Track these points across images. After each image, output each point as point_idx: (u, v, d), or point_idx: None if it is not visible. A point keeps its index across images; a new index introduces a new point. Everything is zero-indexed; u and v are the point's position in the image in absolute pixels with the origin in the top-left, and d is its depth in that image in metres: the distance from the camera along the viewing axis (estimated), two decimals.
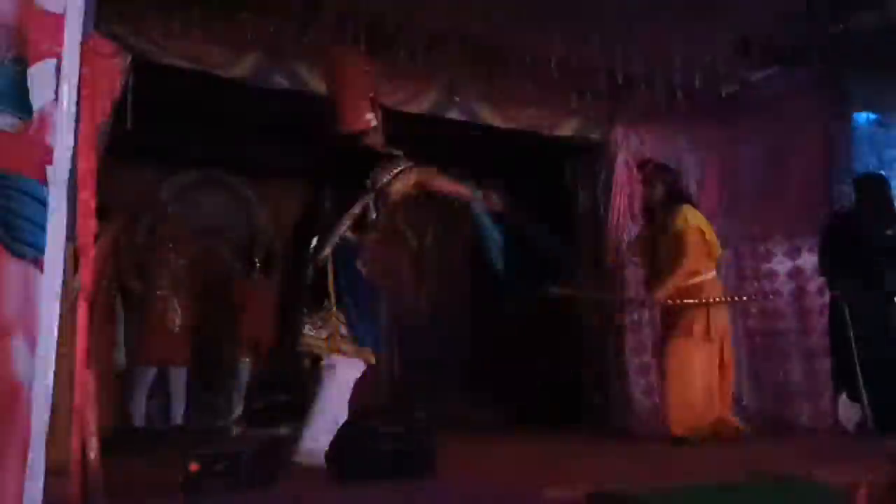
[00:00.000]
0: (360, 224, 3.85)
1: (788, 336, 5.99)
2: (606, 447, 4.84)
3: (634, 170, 6.44)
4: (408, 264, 8.68)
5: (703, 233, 5.16)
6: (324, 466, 3.26)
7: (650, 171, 5.49)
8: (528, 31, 5.02)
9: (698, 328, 5.05)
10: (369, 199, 3.86)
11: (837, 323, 5.33)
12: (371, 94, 4.16)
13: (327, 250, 3.75)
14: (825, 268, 5.51)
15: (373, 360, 3.80)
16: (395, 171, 3.89)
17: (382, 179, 3.85)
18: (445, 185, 4.12)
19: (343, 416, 3.58)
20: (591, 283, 6.66)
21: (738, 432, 5.01)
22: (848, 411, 5.16)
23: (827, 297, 5.82)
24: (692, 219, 5.18)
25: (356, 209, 3.83)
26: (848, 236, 5.30)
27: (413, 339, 8.19)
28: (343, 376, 3.71)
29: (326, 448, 3.26)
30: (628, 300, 6.08)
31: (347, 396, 3.73)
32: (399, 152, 4.00)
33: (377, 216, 3.89)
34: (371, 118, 4.10)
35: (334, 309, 3.69)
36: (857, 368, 5.06)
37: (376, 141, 4.09)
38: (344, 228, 3.80)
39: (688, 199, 5.39)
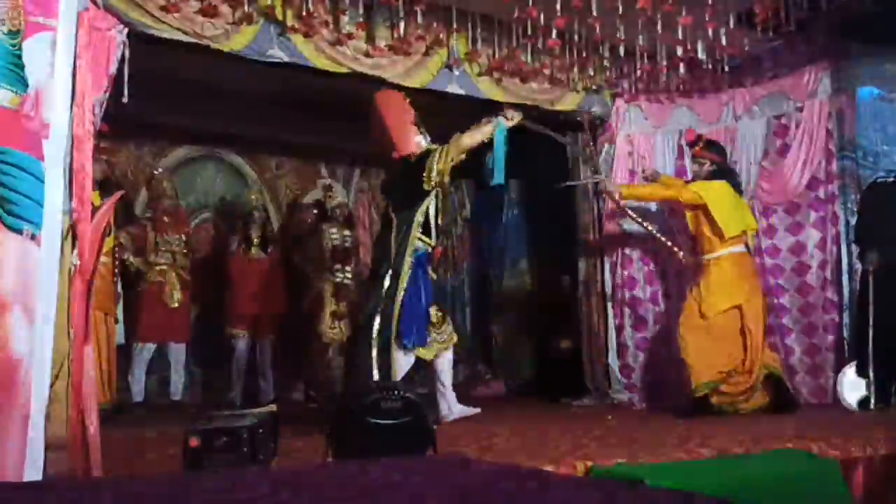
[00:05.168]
0: (425, 230, 4.66)
1: (789, 312, 5.98)
2: (607, 422, 4.85)
3: (637, 143, 6.42)
4: None
5: (706, 208, 5.16)
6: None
7: (701, 147, 5.47)
8: (529, 3, 4.96)
9: (692, 307, 5.24)
10: (430, 200, 4.66)
11: (861, 295, 5.33)
12: (413, 120, 4.86)
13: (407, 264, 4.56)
14: (858, 236, 5.46)
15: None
16: (434, 159, 4.61)
17: (433, 174, 4.60)
18: (475, 138, 4.74)
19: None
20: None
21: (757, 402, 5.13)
22: (852, 387, 5.16)
23: (829, 273, 5.83)
24: (705, 189, 5.24)
25: (419, 217, 4.62)
26: (886, 206, 5.24)
27: None
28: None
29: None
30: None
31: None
32: (434, 146, 4.73)
33: (439, 217, 4.73)
34: (420, 140, 4.83)
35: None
36: (870, 343, 5.06)
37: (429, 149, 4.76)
38: (416, 240, 4.62)
39: (731, 179, 5.37)
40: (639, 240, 6.50)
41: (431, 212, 4.70)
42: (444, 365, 4.81)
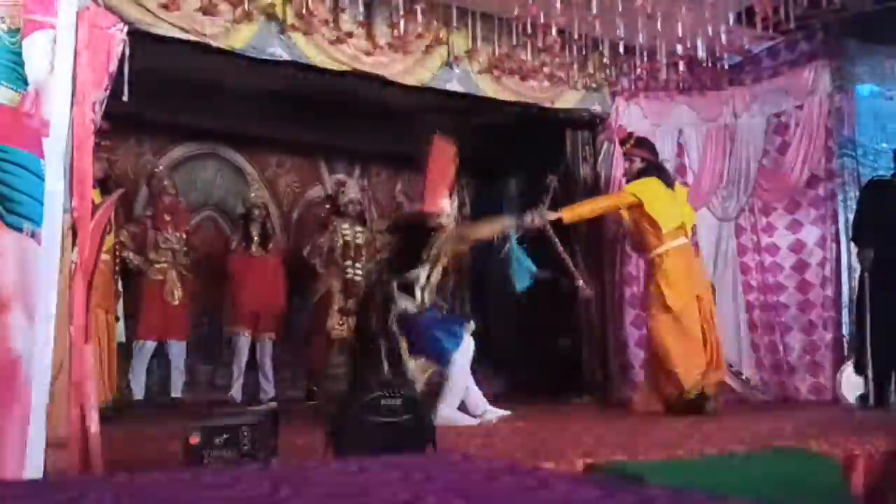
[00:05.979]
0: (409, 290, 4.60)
1: (789, 310, 5.99)
2: (606, 420, 4.85)
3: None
4: None
5: (641, 207, 5.17)
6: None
7: (631, 145, 5.49)
8: (529, 0, 4.97)
9: (656, 304, 5.20)
10: (423, 270, 4.62)
11: (859, 293, 5.35)
12: (449, 182, 4.86)
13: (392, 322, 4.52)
14: (856, 234, 5.47)
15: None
16: (438, 244, 4.60)
17: (432, 252, 4.59)
18: (480, 234, 4.82)
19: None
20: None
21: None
22: (851, 384, 5.17)
23: (828, 271, 5.84)
24: (639, 189, 5.23)
25: (409, 278, 4.58)
26: (883, 205, 5.25)
27: None
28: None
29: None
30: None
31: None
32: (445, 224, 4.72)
33: (427, 282, 4.65)
34: (445, 204, 4.81)
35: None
36: (868, 340, 5.06)
37: (442, 223, 4.75)
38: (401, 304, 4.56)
39: (661, 175, 5.37)
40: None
41: (422, 278, 4.66)
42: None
